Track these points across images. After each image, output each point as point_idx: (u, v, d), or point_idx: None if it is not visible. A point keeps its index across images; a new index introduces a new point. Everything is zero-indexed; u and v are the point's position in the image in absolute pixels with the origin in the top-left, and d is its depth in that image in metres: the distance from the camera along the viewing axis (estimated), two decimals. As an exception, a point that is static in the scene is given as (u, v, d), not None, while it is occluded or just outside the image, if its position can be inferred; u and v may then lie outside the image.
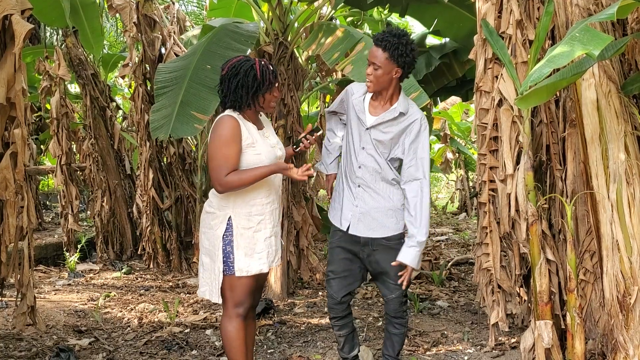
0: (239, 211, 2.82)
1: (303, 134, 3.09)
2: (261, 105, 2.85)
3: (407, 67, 2.91)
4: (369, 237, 3.07)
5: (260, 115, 3.00)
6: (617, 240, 2.98)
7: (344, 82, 6.98)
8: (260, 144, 2.82)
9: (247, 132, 2.79)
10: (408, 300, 3.42)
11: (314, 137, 3.07)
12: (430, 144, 8.22)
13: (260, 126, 2.92)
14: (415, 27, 13.14)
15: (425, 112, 6.68)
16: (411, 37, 2.96)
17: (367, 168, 3.04)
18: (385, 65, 2.87)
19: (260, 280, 3.05)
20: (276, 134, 5.40)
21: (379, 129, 3.01)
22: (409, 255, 2.95)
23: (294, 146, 3.10)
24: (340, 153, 3.28)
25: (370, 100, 3.06)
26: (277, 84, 2.86)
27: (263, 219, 2.86)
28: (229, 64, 2.84)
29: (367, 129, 3.02)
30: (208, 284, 2.92)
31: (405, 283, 3.01)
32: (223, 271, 2.84)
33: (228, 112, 2.82)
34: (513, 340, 3.87)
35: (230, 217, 2.83)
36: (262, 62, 2.81)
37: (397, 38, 2.85)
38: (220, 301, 2.91)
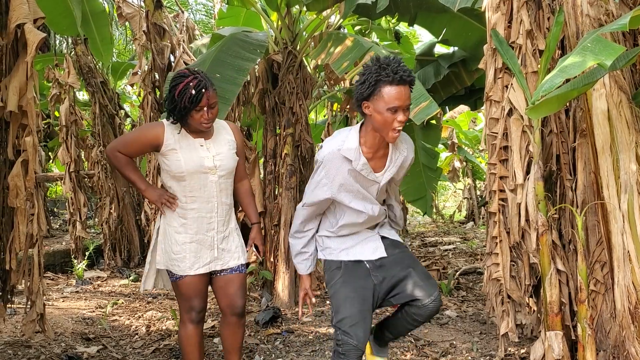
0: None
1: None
2: (187, 124, 2.91)
3: None
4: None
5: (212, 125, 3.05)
6: (628, 251, 2.96)
7: (352, 91, 6.99)
8: (184, 151, 2.90)
9: (173, 138, 2.91)
10: None
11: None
12: (438, 153, 8.22)
13: (204, 136, 2.97)
14: (423, 36, 13.17)
15: (434, 121, 6.73)
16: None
17: (378, 216, 2.82)
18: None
19: (229, 285, 3.08)
20: (284, 142, 5.48)
21: (391, 177, 2.73)
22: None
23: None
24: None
25: (364, 152, 2.63)
26: (202, 108, 2.82)
27: (185, 222, 2.95)
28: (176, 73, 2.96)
29: (380, 185, 2.71)
30: (144, 274, 3.13)
31: None
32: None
33: (165, 119, 2.98)
34: (523, 350, 3.85)
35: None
36: (190, 83, 2.78)
37: (403, 64, 2.48)
38: (143, 287, 3.14)
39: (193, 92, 2.76)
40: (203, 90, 2.79)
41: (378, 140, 2.59)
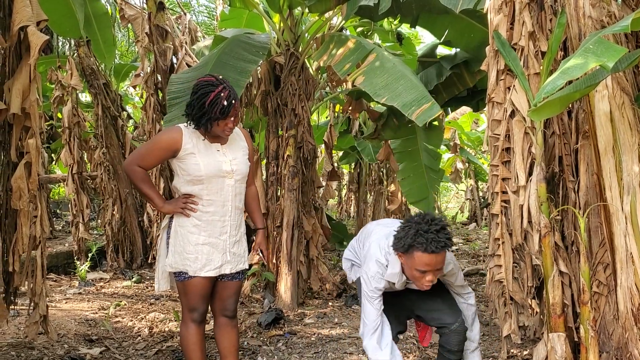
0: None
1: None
2: (209, 131, 2.92)
3: None
4: None
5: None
6: (631, 253, 2.95)
7: (354, 93, 6.99)
8: (203, 155, 2.93)
9: (191, 142, 2.93)
10: None
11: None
12: (440, 154, 8.21)
13: (220, 141, 3.00)
14: (425, 38, 13.19)
15: (436, 123, 6.72)
16: None
17: None
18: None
19: (225, 290, 3.13)
20: (287, 144, 5.48)
21: None
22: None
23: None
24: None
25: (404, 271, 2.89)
26: (230, 118, 2.87)
27: (199, 224, 2.97)
28: (199, 79, 2.95)
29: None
30: (156, 275, 3.14)
31: None
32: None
33: (183, 124, 2.99)
34: (525, 352, 3.84)
35: (173, 215, 3.02)
36: (221, 94, 2.82)
37: (443, 231, 2.66)
38: (159, 288, 3.14)
39: (225, 103, 2.81)
40: (233, 101, 2.85)
41: None
